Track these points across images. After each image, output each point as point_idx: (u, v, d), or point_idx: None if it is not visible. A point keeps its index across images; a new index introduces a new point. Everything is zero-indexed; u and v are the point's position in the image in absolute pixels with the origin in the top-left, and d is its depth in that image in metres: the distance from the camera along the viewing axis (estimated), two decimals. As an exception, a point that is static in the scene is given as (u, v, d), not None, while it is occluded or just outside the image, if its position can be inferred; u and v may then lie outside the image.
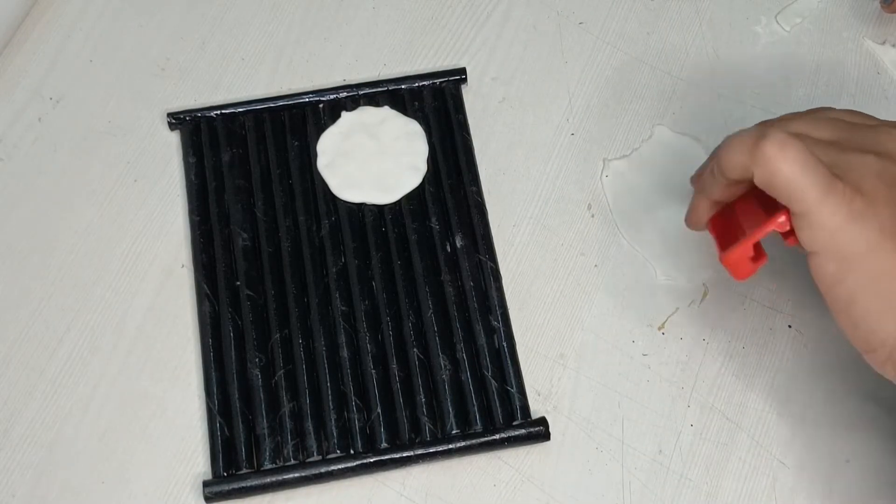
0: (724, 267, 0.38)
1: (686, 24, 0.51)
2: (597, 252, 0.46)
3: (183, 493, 0.42)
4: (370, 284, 0.45)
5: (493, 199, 0.47)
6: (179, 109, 0.48)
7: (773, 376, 0.44)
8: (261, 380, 0.43)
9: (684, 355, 0.44)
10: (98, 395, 0.43)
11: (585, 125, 0.49)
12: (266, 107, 0.48)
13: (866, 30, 0.51)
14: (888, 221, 0.35)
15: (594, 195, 0.47)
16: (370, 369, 0.43)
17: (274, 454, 0.41)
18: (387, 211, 0.46)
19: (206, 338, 0.44)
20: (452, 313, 0.44)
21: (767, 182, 0.35)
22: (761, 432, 0.43)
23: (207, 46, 0.51)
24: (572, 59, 0.50)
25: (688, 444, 0.43)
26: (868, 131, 0.38)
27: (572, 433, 0.43)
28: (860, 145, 0.37)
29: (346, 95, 0.48)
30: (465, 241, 0.45)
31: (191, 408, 0.43)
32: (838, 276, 0.35)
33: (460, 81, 0.49)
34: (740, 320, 0.45)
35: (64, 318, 0.45)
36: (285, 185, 0.47)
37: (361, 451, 0.42)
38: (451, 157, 0.47)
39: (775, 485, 0.42)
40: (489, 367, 0.43)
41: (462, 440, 0.42)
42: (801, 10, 0.52)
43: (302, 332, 0.44)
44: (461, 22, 0.51)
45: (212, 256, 0.45)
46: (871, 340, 0.35)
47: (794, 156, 0.34)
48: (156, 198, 0.47)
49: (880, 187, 0.35)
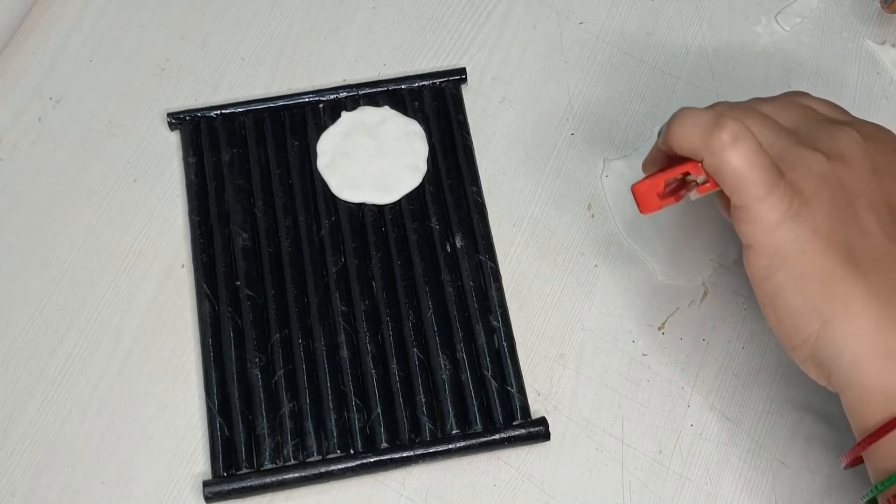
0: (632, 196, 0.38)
1: (686, 24, 0.51)
2: (597, 252, 0.46)
3: (183, 493, 0.42)
4: (370, 284, 0.45)
5: (493, 199, 0.47)
6: (179, 109, 0.48)
7: (773, 376, 0.44)
8: (261, 380, 0.43)
9: (684, 355, 0.44)
10: (98, 395, 0.43)
11: (585, 125, 0.49)
12: (266, 107, 0.48)
13: (866, 30, 0.51)
14: (823, 224, 0.35)
15: (594, 195, 0.47)
16: (370, 369, 0.43)
17: (274, 454, 0.41)
18: (387, 211, 0.46)
19: (206, 338, 0.44)
20: (452, 313, 0.44)
21: (715, 169, 0.35)
22: (761, 432, 0.43)
23: (207, 46, 0.51)
24: (572, 59, 0.50)
25: (688, 444, 0.43)
26: (829, 128, 0.38)
27: (572, 433, 0.43)
28: (815, 141, 0.37)
29: (346, 95, 0.49)
30: (465, 241, 0.45)
31: (191, 408, 0.43)
32: (768, 272, 0.35)
33: (460, 81, 0.49)
34: (740, 320, 0.45)
35: (64, 318, 0.45)
36: (285, 185, 0.47)
37: (361, 451, 0.42)
38: (451, 157, 0.47)
39: (775, 485, 0.42)
40: (489, 367, 0.43)
41: (462, 440, 0.42)
42: (801, 10, 0.52)
43: (302, 332, 0.44)
44: (461, 22, 0.51)
45: (212, 256, 0.45)
46: (793, 337, 0.36)
47: (745, 150, 0.34)
48: (156, 197, 0.47)
49: (821, 190, 0.35)
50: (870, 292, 0.34)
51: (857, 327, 0.34)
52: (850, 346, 0.34)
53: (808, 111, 0.39)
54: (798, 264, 0.35)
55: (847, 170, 0.36)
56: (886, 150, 0.38)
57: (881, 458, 0.35)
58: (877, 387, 0.34)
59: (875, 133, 0.38)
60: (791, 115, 0.38)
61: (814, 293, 0.35)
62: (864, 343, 0.34)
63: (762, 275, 0.36)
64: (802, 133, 0.37)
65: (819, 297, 0.35)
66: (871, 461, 0.36)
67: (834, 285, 0.35)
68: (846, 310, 0.34)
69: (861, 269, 0.35)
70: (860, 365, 0.34)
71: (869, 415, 0.35)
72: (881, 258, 0.35)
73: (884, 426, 0.34)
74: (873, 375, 0.34)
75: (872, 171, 0.37)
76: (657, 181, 0.37)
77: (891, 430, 0.34)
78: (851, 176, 0.36)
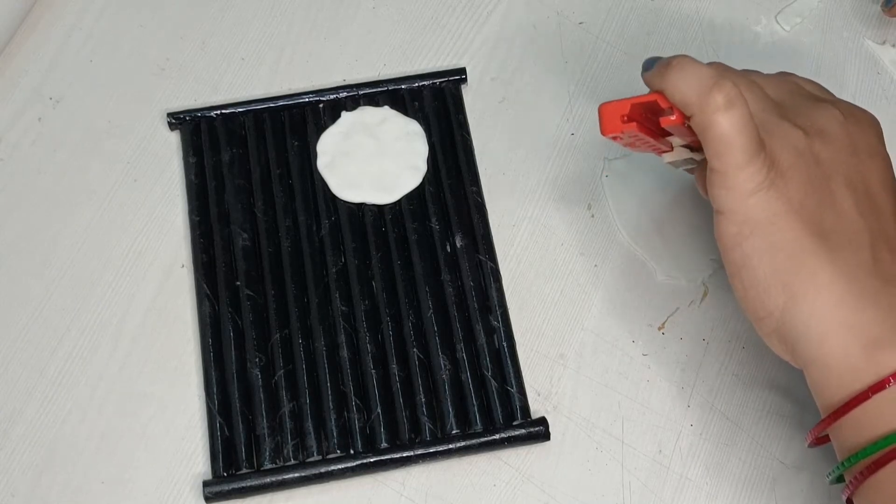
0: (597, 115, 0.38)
1: (686, 24, 0.51)
2: (597, 252, 0.46)
3: (183, 493, 0.42)
4: (370, 284, 0.45)
5: (493, 199, 0.47)
6: (179, 109, 0.48)
7: (773, 376, 0.44)
8: (261, 380, 0.43)
9: (684, 355, 0.44)
10: (98, 395, 0.43)
11: (585, 125, 0.49)
12: (266, 107, 0.48)
13: (866, 30, 0.51)
14: (796, 197, 0.35)
15: (594, 195, 0.47)
16: (370, 369, 0.43)
17: (274, 454, 0.42)
18: (387, 211, 0.46)
19: (206, 338, 0.44)
20: (452, 313, 0.44)
21: (702, 128, 0.35)
22: (761, 432, 0.43)
23: (207, 46, 0.51)
24: (572, 59, 0.50)
25: (688, 444, 0.43)
26: (812, 104, 0.38)
27: (572, 433, 0.43)
28: (797, 116, 0.37)
29: (346, 95, 0.49)
30: (465, 241, 0.45)
31: (191, 408, 0.43)
32: (737, 240, 0.35)
33: (460, 81, 0.49)
34: (740, 320, 0.45)
35: (64, 318, 0.45)
36: (285, 185, 0.47)
37: (361, 451, 0.42)
38: (451, 157, 0.47)
39: (775, 485, 0.42)
40: (489, 367, 0.43)
41: (462, 440, 0.42)
42: (801, 10, 0.52)
43: (302, 332, 0.44)
44: (461, 22, 0.51)
45: (212, 256, 0.45)
46: (758, 309, 0.36)
47: (736, 116, 0.34)
48: (156, 197, 0.47)
49: (798, 163, 0.35)
50: (838, 268, 0.34)
51: (824, 302, 0.34)
52: (816, 320, 0.34)
53: (795, 87, 0.39)
54: (768, 234, 0.35)
55: (826, 146, 0.36)
56: (866, 130, 0.38)
57: (846, 434, 0.35)
58: (841, 363, 0.34)
59: (856, 113, 0.38)
60: (778, 89, 0.38)
61: (781, 265, 0.35)
62: (829, 318, 0.34)
63: (731, 242, 0.36)
64: (786, 107, 0.37)
65: (786, 270, 0.35)
66: (836, 438, 0.35)
67: (802, 258, 0.34)
68: (813, 284, 0.34)
69: (831, 245, 0.35)
70: (825, 340, 0.34)
71: (833, 391, 0.34)
72: (852, 235, 0.35)
73: (848, 402, 0.34)
74: (838, 351, 0.34)
75: (851, 149, 0.37)
76: (624, 104, 0.36)
77: (855, 405, 0.34)
78: (829, 153, 0.36)
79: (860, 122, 0.38)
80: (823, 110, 0.37)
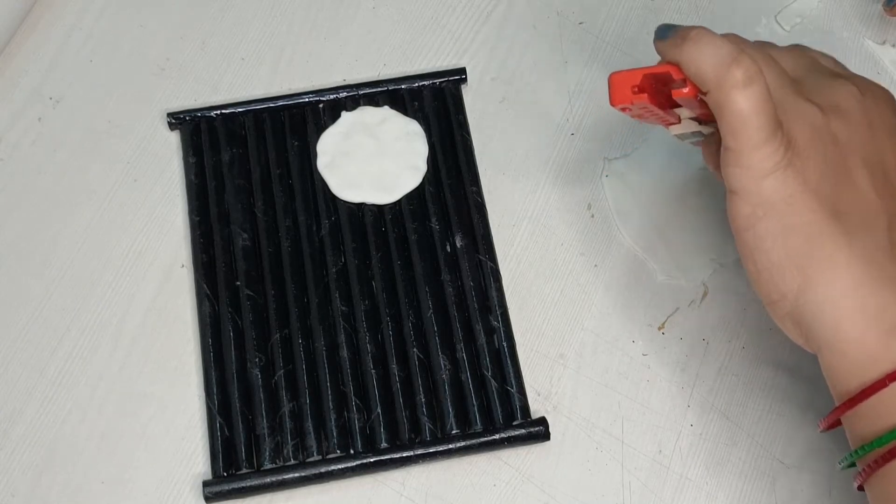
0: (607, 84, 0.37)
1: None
2: (597, 252, 0.46)
3: (183, 493, 0.42)
4: (370, 284, 0.45)
5: (493, 199, 0.47)
6: (179, 109, 0.48)
7: (773, 376, 0.44)
8: (261, 380, 0.43)
9: (684, 355, 0.44)
10: (98, 395, 0.43)
11: (585, 125, 0.49)
12: (266, 107, 0.48)
13: (866, 30, 0.51)
14: (812, 177, 0.34)
15: (594, 195, 0.47)
16: (370, 369, 0.43)
17: (274, 454, 0.42)
18: (387, 211, 0.46)
19: (206, 338, 0.44)
20: (452, 313, 0.44)
21: (718, 105, 0.34)
22: (761, 432, 0.43)
23: (207, 46, 0.51)
24: (572, 59, 0.50)
25: (688, 444, 0.43)
26: (829, 81, 0.37)
27: (572, 433, 0.43)
28: (813, 93, 0.36)
29: (346, 95, 0.49)
30: (465, 241, 0.45)
31: (191, 408, 0.43)
32: (750, 221, 0.34)
33: (460, 81, 0.49)
34: (740, 320, 0.45)
35: (64, 318, 0.45)
36: (285, 185, 0.47)
37: (361, 451, 0.42)
38: (451, 157, 0.47)
39: (775, 485, 0.42)
40: (489, 367, 0.43)
41: (462, 440, 0.42)
42: (801, 10, 0.52)
43: (302, 332, 0.44)
44: (461, 22, 0.51)
45: (212, 256, 0.45)
46: (771, 292, 0.35)
47: (755, 94, 0.33)
48: (156, 197, 0.47)
49: (815, 143, 0.34)
50: (855, 252, 0.33)
51: (840, 286, 0.33)
52: (832, 304, 0.34)
53: (811, 61, 0.38)
54: (783, 215, 0.34)
55: (843, 124, 0.35)
56: (883, 107, 0.37)
57: (861, 422, 0.34)
58: (857, 348, 0.33)
59: (873, 88, 0.37)
60: (795, 64, 0.37)
61: (797, 247, 0.34)
62: (845, 302, 0.33)
63: (744, 224, 0.35)
64: (803, 83, 0.36)
65: (802, 252, 0.34)
66: (850, 426, 0.35)
67: (818, 240, 0.34)
68: (829, 267, 0.33)
69: (848, 227, 0.34)
70: (841, 324, 0.33)
71: (848, 377, 0.34)
72: (869, 217, 0.34)
73: (864, 390, 0.33)
74: (854, 336, 0.33)
75: (868, 127, 0.36)
76: (635, 74, 0.35)
77: (872, 393, 0.33)
78: (846, 131, 0.35)
79: (877, 99, 0.37)
80: (840, 86, 0.36)
